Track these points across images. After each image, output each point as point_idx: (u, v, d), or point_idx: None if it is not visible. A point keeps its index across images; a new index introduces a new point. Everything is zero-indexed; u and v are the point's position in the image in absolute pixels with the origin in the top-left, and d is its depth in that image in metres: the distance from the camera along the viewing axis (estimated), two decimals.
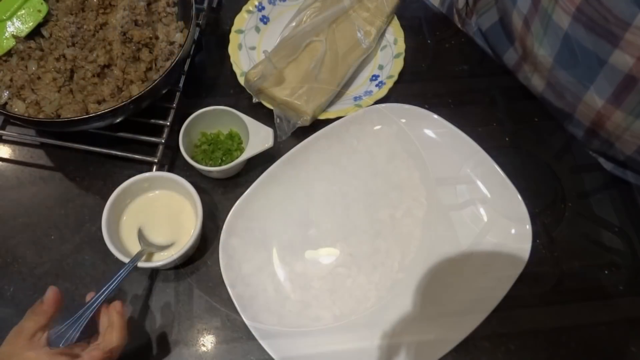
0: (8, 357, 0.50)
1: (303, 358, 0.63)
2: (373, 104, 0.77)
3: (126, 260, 0.62)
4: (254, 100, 0.78)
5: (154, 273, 0.69)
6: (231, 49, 0.82)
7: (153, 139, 0.74)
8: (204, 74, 0.83)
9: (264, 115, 0.77)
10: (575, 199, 0.75)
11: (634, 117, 0.64)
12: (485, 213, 0.72)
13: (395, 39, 0.84)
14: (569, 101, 0.69)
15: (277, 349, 0.62)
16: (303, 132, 0.75)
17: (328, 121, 0.75)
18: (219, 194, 0.74)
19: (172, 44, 0.75)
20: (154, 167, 0.72)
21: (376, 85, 0.80)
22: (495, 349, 0.66)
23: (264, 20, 0.86)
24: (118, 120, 0.70)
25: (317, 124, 0.76)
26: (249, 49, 0.83)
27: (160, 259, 0.65)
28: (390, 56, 0.83)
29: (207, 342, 0.66)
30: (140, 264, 0.62)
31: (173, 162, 0.76)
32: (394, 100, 0.78)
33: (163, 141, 0.74)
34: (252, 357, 0.65)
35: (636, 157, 0.69)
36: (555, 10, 0.63)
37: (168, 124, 0.75)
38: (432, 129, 0.76)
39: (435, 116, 0.76)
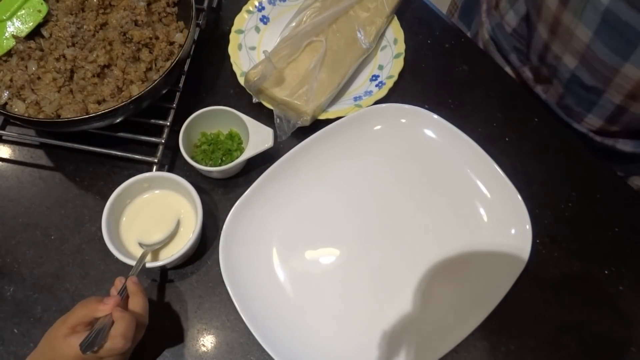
0: (50, 340, 0.54)
1: (303, 358, 0.63)
2: (373, 104, 0.77)
3: (126, 260, 0.62)
4: (254, 100, 0.78)
5: (154, 273, 0.69)
6: (231, 49, 0.82)
7: (153, 139, 0.74)
8: (204, 74, 0.83)
9: (264, 115, 0.77)
10: (575, 199, 0.75)
11: None
12: (485, 213, 0.72)
13: (395, 39, 0.84)
14: (603, 75, 0.69)
15: (277, 349, 0.62)
16: (303, 132, 0.75)
17: (328, 121, 0.75)
18: (219, 194, 0.74)
19: (172, 44, 0.75)
20: (154, 167, 0.72)
21: (376, 85, 0.80)
22: (495, 349, 0.66)
23: (264, 20, 0.86)
24: (118, 120, 0.70)
25: (317, 124, 0.76)
26: (249, 49, 0.83)
27: (160, 260, 0.65)
28: (390, 56, 0.83)
29: (207, 342, 0.66)
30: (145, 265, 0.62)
31: (173, 162, 0.76)
32: (394, 100, 0.78)
33: (163, 141, 0.74)
34: (252, 357, 0.65)
35: None
36: None
37: (168, 124, 0.75)
38: (432, 129, 0.77)
39: (435, 116, 0.76)
